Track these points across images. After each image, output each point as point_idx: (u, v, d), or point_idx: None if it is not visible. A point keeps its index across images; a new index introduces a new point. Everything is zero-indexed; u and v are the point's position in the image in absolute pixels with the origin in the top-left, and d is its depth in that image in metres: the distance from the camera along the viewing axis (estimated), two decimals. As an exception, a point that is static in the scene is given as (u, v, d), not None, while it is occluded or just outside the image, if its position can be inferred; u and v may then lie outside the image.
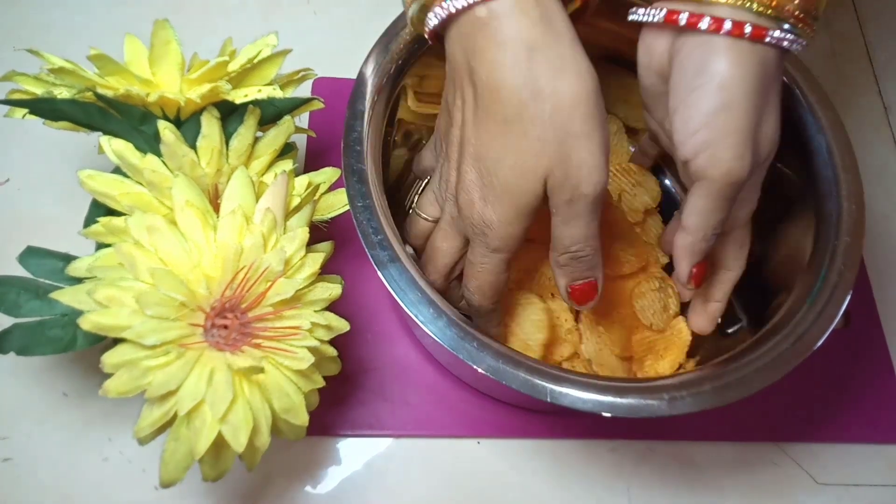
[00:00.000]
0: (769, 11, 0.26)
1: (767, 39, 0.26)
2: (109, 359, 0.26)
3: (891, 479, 0.41)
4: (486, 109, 0.27)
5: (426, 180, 0.37)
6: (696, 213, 0.29)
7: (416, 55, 0.35)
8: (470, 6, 0.25)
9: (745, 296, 0.38)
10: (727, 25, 0.26)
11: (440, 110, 0.33)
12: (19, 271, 0.31)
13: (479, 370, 0.28)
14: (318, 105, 0.36)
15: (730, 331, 0.38)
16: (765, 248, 0.37)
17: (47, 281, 0.31)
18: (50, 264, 0.31)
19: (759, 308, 0.36)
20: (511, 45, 0.25)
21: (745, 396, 0.28)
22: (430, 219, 0.34)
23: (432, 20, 0.27)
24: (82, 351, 0.30)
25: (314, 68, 0.38)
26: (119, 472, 0.36)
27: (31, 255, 0.31)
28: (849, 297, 0.30)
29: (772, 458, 0.40)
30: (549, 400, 0.27)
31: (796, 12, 0.26)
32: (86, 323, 0.25)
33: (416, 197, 0.37)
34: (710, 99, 0.27)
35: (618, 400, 0.28)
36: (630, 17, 0.30)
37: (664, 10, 0.28)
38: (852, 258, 0.31)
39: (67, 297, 0.27)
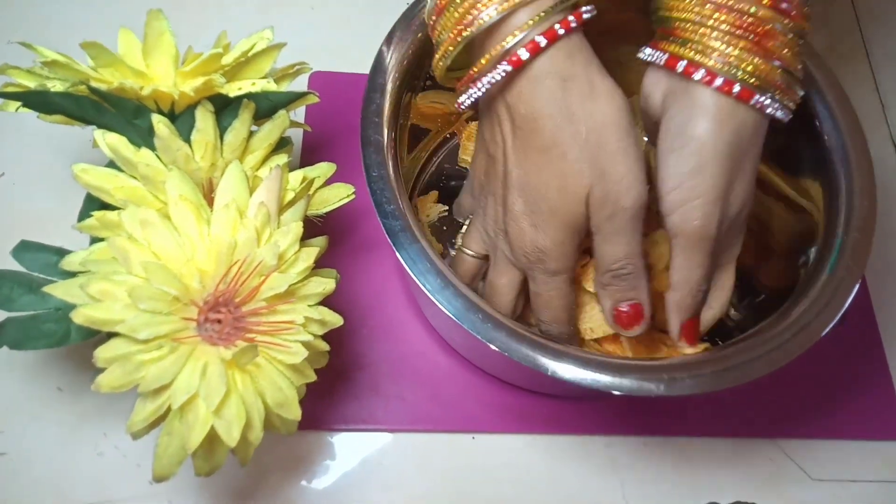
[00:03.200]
0: (754, 81, 0.27)
1: (752, 102, 0.28)
2: (102, 353, 0.25)
3: (885, 476, 0.41)
4: (525, 141, 0.29)
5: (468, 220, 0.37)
6: (678, 269, 0.30)
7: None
8: (516, 70, 0.27)
9: (752, 287, 0.38)
10: (718, 81, 0.27)
11: (475, 153, 0.34)
12: (13, 265, 0.30)
13: (482, 340, 0.28)
14: (313, 99, 0.36)
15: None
16: (773, 240, 0.38)
17: (41, 275, 0.31)
18: (44, 258, 0.31)
19: (765, 299, 0.37)
20: (545, 79, 0.27)
21: (745, 381, 0.28)
22: (476, 255, 0.35)
23: (470, 97, 0.29)
24: (77, 345, 0.30)
25: (312, 63, 0.38)
26: (114, 466, 0.36)
27: (24, 249, 0.31)
28: (855, 291, 0.31)
29: (767, 454, 0.40)
30: (549, 373, 0.28)
31: (779, 82, 0.28)
32: (78, 317, 0.25)
33: (460, 237, 0.39)
34: (685, 162, 0.28)
35: (618, 379, 0.28)
36: (638, 55, 0.31)
37: (667, 55, 0.29)
38: (861, 253, 0.32)
39: (60, 291, 0.27)
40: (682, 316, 0.31)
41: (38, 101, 0.31)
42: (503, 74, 0.27)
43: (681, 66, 0.28)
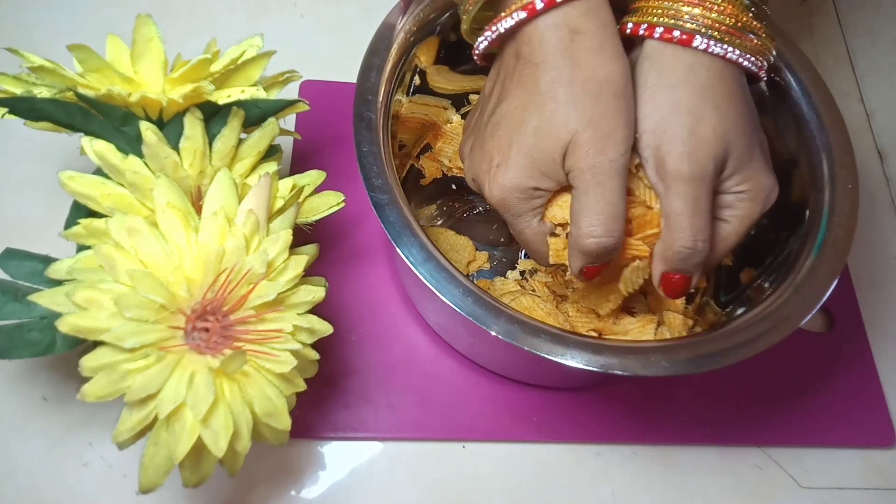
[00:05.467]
0: (693, 26, 0.29)
1: (695, 44, 0.29)
2: (88, 362, 0.25)
3: (873, 483, 0.41)
4: (521, 80, 0.29)
5: None
6: (663, 217, 0.30)
7: (434, 20, 0.37)
8: (529, 18, 0.28)
9: (734, 278, 0.39)
10: (658, 31, 0.29)
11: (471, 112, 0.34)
12: (-3, 273, 0.30)
13: (461, 313, 0.29)
14: (303, 107, 0.36)
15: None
16: (757, 233, 0.38)
17: (27, 283, 0.30)
18: (29, 266, 0.31)
19: (746, 289, 0.38)
20: (557, 28, 0.28)
21: (721, 366, 0.29)
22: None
23: (486, 40, 0.30)
24: (63, 354, 0.29)
25: (302, 71, 0.38)
26: (100, 477, 0.36)
27: (10, 256, 0.31)
28: (833, 285, 0.31)
29: (755, 462, 0.40)
30: (526, 349, 0.28)
31: (724, 27, 0.29)
32: (64, 325, 0.25)
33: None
34: (647, 105, 0.29)
35: (594, 357, 0.29)
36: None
37: (630, 25, 0.31)
38: (841, 250, 0.32)
39: (46, 299, 0.27)
40: (664, 266, 0.31)
41: (25, 108, 0.31)
42: (517, 20, 0.28)
43: (628, 28, 0.30)
